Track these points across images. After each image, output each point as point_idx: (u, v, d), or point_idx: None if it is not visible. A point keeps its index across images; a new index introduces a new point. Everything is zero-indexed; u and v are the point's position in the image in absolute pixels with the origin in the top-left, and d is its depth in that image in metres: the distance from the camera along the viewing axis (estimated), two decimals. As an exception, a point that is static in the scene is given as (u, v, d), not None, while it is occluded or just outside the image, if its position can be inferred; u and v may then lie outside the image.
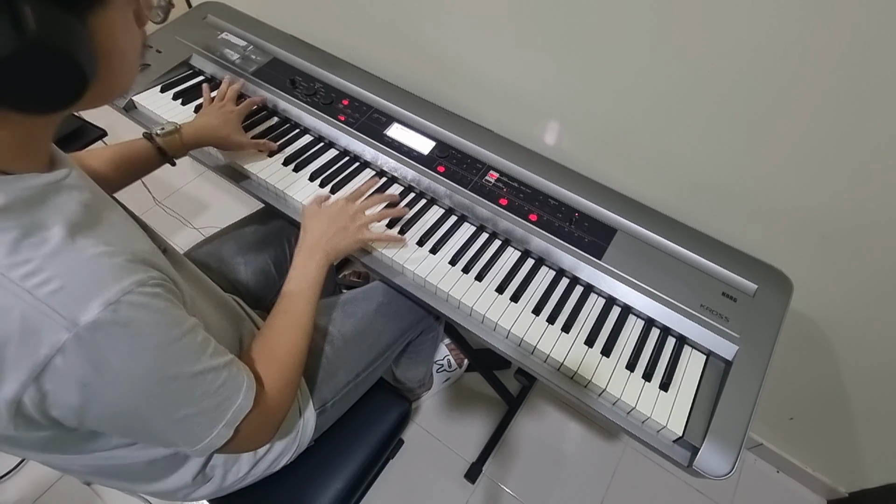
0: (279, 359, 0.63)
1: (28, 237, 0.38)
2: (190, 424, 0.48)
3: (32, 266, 0.37)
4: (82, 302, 0.38)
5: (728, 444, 0.65)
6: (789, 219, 0.83)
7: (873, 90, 0.64)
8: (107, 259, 0.41)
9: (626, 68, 0.82)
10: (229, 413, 0.50)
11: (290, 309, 0.68)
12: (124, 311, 0.39)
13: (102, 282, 0.39)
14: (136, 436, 0.52)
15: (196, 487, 0.69)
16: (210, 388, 0.48)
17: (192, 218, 1.76)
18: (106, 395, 0.41)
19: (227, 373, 0.51)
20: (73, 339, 0.37)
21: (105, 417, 0.44)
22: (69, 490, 1.23)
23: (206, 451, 0.51)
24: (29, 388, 0.38)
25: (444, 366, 1.41)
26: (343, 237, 0.76)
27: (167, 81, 1.06)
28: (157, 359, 0.43)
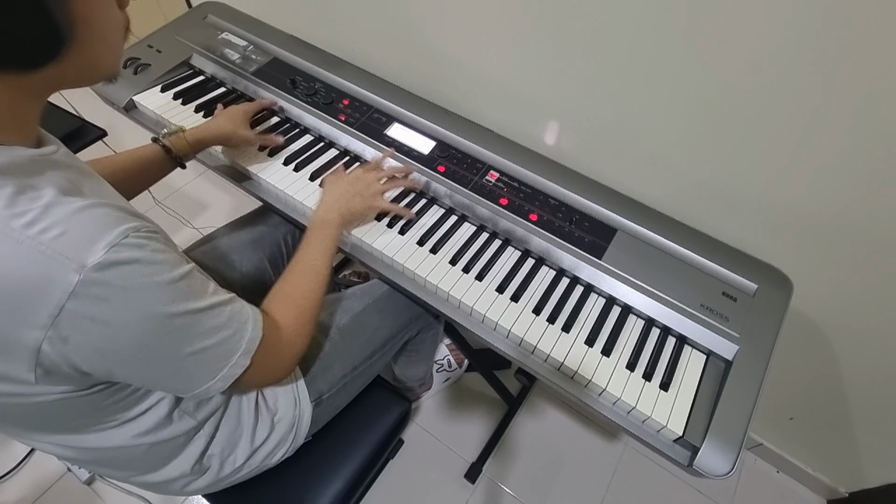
0: (295, 300, 0.67)
1: (22, 193, 0.40)
2: (208, 357, 0.51)
3: (32, 215, 0.39)
4: (86, 245, 0.40)
5: (728, 443, 0.65)
6: (789, 219, 0.83)
7: (874, 90, 0.64)
8: (101, 209, 0.43)
9: (626, 68, 0.82)
10: (244, 342, 0.53)
11: (306, 258, 0.72)
12: (126, 251, 0.41)
13: (101, 226, 0.41)
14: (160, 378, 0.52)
15: (194, 477, 0.69)
16: (220, 320, 0.51)
17: (192, 218, 1.76)
18: (123, 332, 0.43)
19: (232, 308, 0.54)
20: (83, 280, 0.39)
21: (126, 357, 0.46)
22: (69, 490, 1.23)
23: (227, 380, 0.53)
24: (49, 334, 0.39)
25: (444, 366, 1.41)
26: (358, 201, 0.81)
27: (167, 81, 1.06)
28: (165, 294, 0.45)
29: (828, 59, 0.65)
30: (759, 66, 0.70)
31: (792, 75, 0.68)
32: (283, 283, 0.69)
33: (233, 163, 0.94)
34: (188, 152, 0.85)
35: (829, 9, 0.61)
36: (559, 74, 0.90)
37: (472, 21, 0.94)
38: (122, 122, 1.08)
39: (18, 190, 0.39)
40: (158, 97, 1.03)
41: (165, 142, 0.82)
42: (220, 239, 0.95)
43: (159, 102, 1.02)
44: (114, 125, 1.25)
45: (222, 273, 0.90)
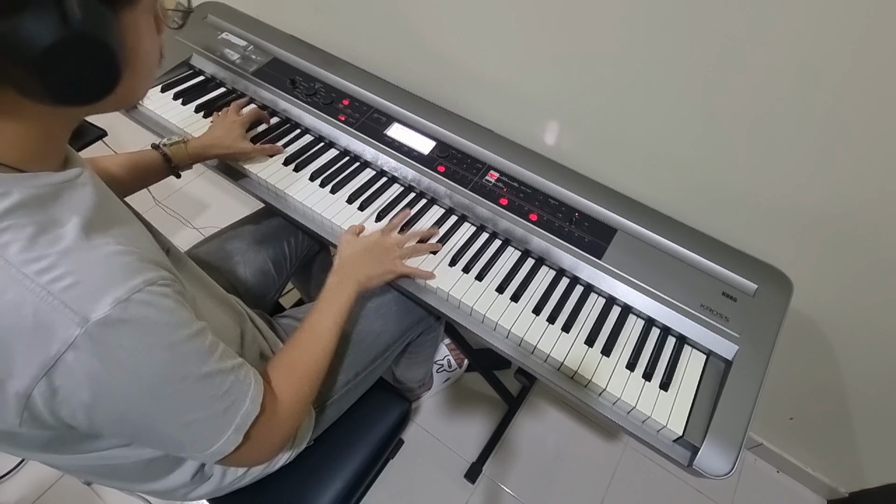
0: (298, 372, 0.63)
1: (43, 234, 0.39)
2: (199, 428, 0.48)
3: (47, 262, 0.38)
4: (94, 298, 0.39)
5: (728, 443, 0.65)
6: (789, 219, 0.83)
7: (874, 91, 0.64)
8: (119, 258, 0.42)
9: (626, 68, 0.82)
10: (238, 417, 0.50)
11: (317, 327, 0.69)
12: (134, 308, 0.40)
13: (114, 279, 0.40)
14: (146, 440, 0.51)
15: (195, 486, 0.69)
16: (218, 391, 0.48)
17: (192, 218, 1.76)
18: (115, 393, 0.42)
19: (235, 377, 0.50)
20: (84, 334, 0.38)
21: (114, 418, 0.44)
22: (69, 490, 1.23)
23: (216, 457, 0.50)
24: (40, 384, 0.39)
25: (444, 366, 1.41)
26: (378, 269, 0.77)
27: (167, 81, 1.06)
28: (166, 358, 0.43)
29: (830, 59, 0.65)
30: (760, 66, 0.70)
31: (793, 76, 0.68)
32: (287, 351, 0.66)
33: (232, 163, 0.94)
34: (187, 163, 0.86)
35: (829, 9, 0.61)
36: (559, 74, 0.90)
37: (472, 21, 0.94)
38: (123, 122, 1.08)
39: (39, 230, 0.39)
40: (158, 97, 1.03)
41: (166, 151, 0.83)
42: (223, 240, 0.95)
43: (159, 103, 1.02)
44: (114, 125, 1.25)
45: (225, 274, 0.90)
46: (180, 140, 0.85)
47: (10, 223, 0.38)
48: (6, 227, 0.38)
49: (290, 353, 0.65)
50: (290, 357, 0.65)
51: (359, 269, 0.76)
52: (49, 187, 0.41)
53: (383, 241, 0.80)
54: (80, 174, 0.45)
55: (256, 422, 0.52)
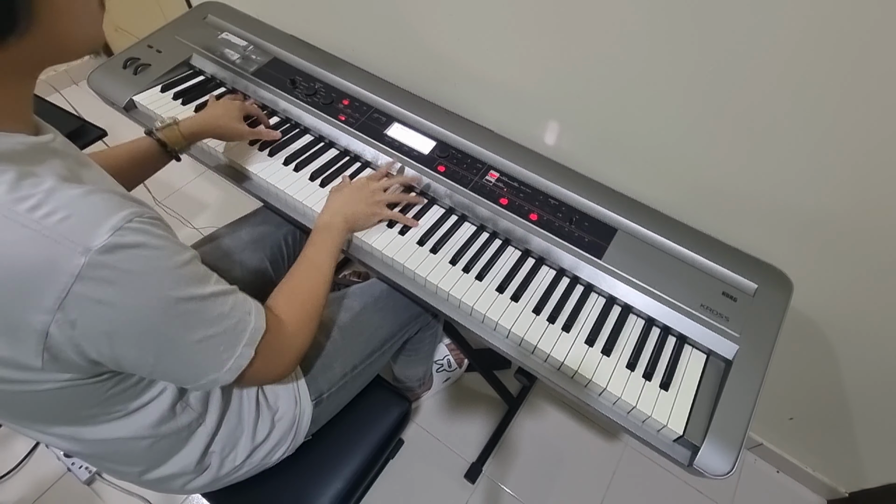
0: (299, 297, 0.67)
1: (25, 178, 0.40)
2: (214, 345, 0.51)
3: (36, 200, 0.39)
4: (91, 228, 0.40)
5: (728, 443, 0.65)
6: (789, 219, 0.83)
7: (874, 91, 0.64)
8: (102, 195, 0.43)
9: (626, 68, 0.82)
10: (247, 333, 0.54)
11: (312, 256, 0.73)
12: (130, 235, 0.42)
13: (105, 211, 0.41)
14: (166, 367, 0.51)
15: (194, 476, 0.69)
16: (223, 309, 0.51)
17: (192, 218, 1.76)
18: (130, 317, 0.43)
19: (235, 298, 0.54)
20: (89, 263, 0.39)
21: (133, 343, 0.46)
22: (69, 490, 1.23)
23: (234, 371, 0.53)
24: (56, 318, 0.40)
25: (444, 365, 1.41)
26: (362, 208, 0.82)
27: (167, 81, 1.06)
28: (170, 278, 0.46)
29: (832, 61, 0.65)
30: (761, 67, 0.70)
31: (794, 76, 0.68)
32: (286, 281, 0.69)
33: (232, 163, 0.94)
34: (183, 145, 0.85)
35: (832, 12, 0.61)
36: (559, 74, 0.90)
37: (473, 21, 0.94)
38: (122, 122, 1.08)
39: (20, 175, 0.40)
40: (158, 97, 1.03)
41: (159, 135, 0.82)
42: (221, 239, 0.95)
43: (159, 102, 1.02)
44: (114, 125, 1.25)
45: (224, 273, 0.89)
46: (171, 122, 0.83)
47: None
48: None
49: (289, 282, 0.69)
50: (289, 285, 0.69)
51: (347, 209, 0.80)
52: (24, 146, 0.43)
53: (368, 185, 0.85)
54: (55, 138, 0.47)
55: (264, 337, 0.56)
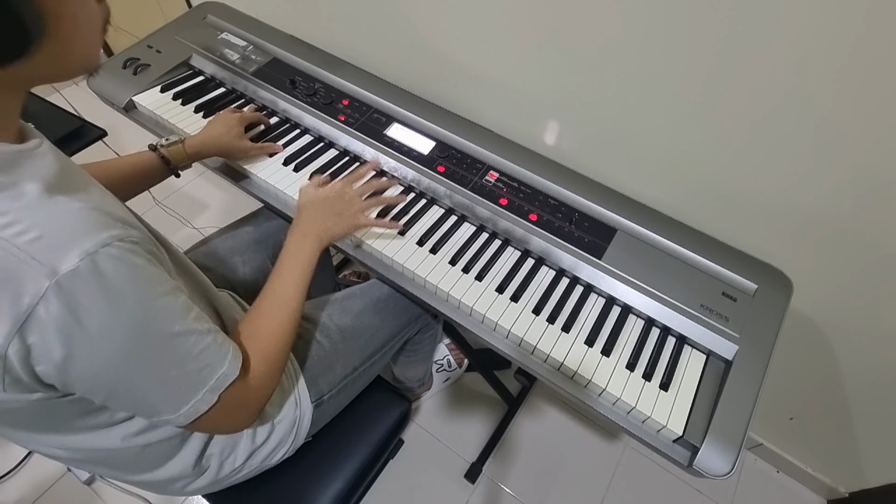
0: (263, 340, 0.62)
1: (4, 191, 0.39)
2: (173, 386, 0.48)
3: (9, 217, 0.38)
4: (61, 251, 0.38)
5: (728, 443, 0.65)
6: (789, 219, 0.83)
7: (874, 91, 0.64)
8: (84, 213, 0.41)
9: (625, 68, 0.82)
10: (213, 378, 0.50)
11: (279, 291, 0.67)
12: (102, 262, 0.40)
13: (80, 232, 0.40)
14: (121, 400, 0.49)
15: (193, 479, 0.69)
16: (193, 350, 0.48)
17: (192, 218, 1.76)
18: (88, 348, 0.41)
19: (212, 338, 0.51)
20: (55, 286, 0.38)
21: (88, 375, 0.43)
22: (69, 490, 1.23)
23: (190, 416, 0.50)
24: (13, 341, 0.38)
25: (443, 366, 1.41)
26: (338, 222, 0.76)
27: (167, 81, 1.06)
28: (137, 314, 0.43)
29: (829, 59, 0.65)
30: (759, 66, 0.70)
31: (792, 75, 0.68)
32: (254, 317, 0.64)
33: (232, 163, 0.94)
34: (185, 163, 0.86)
35: (828, 9, 0.61)
36: (559, 74, 0.90)
37: (472, 20, 0.94)
38: (122, 123, 1.08)
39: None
40: (158, 97, 1.03)
41: (164, 152, 0.82)
42: (222, 239, 0.95)
43: (159, 103, 1.02)
44: (114, 125, 1.25)
45: (224, 274, 0.90)
46: (178, 140, 0.84)
47: None
48: None
49: (253, 321, 0.64)
50: (254, 325, 0.63)
51: (318, 224, 0.74)
52: (6, 155, 0.41)
53: (344, 192, 0.79)
54: (40, 145, 0.45)
55: (232, 386, 0.52)
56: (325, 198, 0.78)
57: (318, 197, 0.78)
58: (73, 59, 0.44)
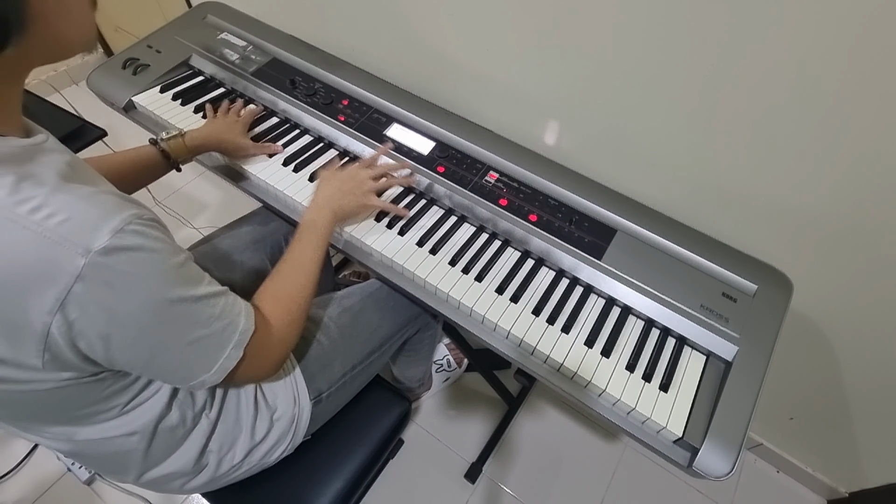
0: (285, 298, 0.67)
1: (25, 181, 0.40)
2: (204, 346, 0.52)
3: (36, 202, 0.40)
4: (91, 230, 0.41)
5: (728, 444, 0.65)
6: (789, 219, 0.83)
7: (874, 90, 0.64)
8: (102, 196, 0.43)
9: (626, 69, 0.82)
10: (237, 334, 0.54)
11: (298, 255, 0.72)
12: (129, 237, 0.43)
13: (105, 212, 0.42)
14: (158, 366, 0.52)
15: (192, 476, 0.69)
16: (214, 311, 0.52)
17: (192, 218, 1.76)
18: (126, 317, 0.44)
19: (226, 299, 0.55)
20: (90, 264, 0.40)
21: (128, 343, 0.47)
22: (69, 490, 1.23)
23: (222, 373, 0.54)
24: (56, 318, 0.40)
25: (443, 366, 1.41)
26: (350, 200, 0.80)
27: (167, 81, 1.05)
28: (166, 280, 0.47)
29: (828, 60, 0.64)
30: (759, 66, 0.70)
31: (792, 76, 0.68)
32: (272, 280, 0.69)
33: (232, 163, 0.94)
34: (185, 156, 0.86)
35: (828, 9, 0.61)
36: (559, 74, 0.90)
37: (472, 21, 0.94)
38: (122, 123, 1.08)
39: (20, 177, 0.40)
40: (158, 97, 1.03)
41: (164, 146, 0.83)
42: (221, 239, 0.95)
43: (159, 103, 1.02)
44: (114, 125, 1.25)
45: (223, 274, 0.90)
46: (177, 133, 0.85)
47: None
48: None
49: (276, 282, 0.68)
50: (276, 285, 0.68)
51: (334, 201, 0.79)
52: (20, 149, 0.43)
53: (357, 174, 0.84)
54: (47, 139, 0.47)
55: (253, 338, 0.56)
56: (340, 177, 0.83)
57: (334, 177, 0.83)
58: (64, 40, 0.45)
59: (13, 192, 0.39)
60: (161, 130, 0.85)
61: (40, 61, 0.45)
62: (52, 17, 0.42)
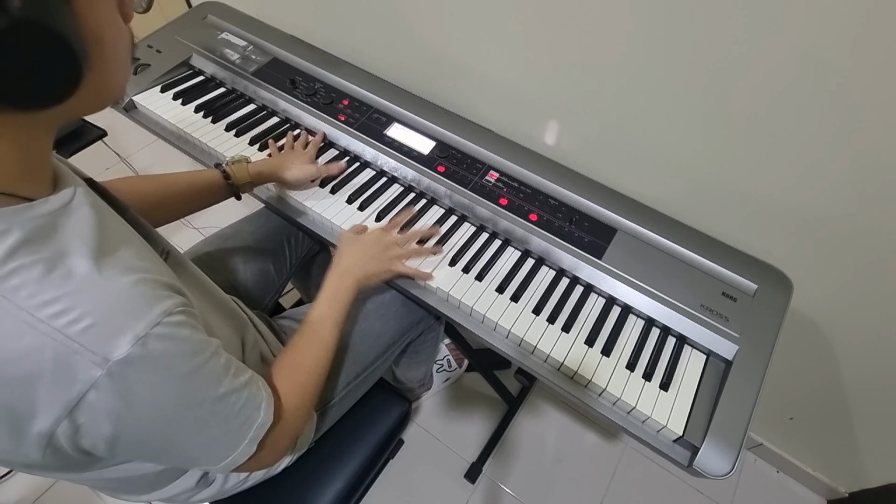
0: (301, 376, 0.63)
1: (52, 271, 0.37)
2: (215, 444, 0.49)
3: (62, 305, 0.37)
4: (113, 338, 0.38)
5: (728, 443, 0.65)
6: (789, 219, 0.83)
7: (874, 90, 0.64)
8: (133, 289, 0.40)
9: (626, 68, 0.82)
10: (252, 430, 0.51)
11: (317, 328, 0.69)
12: (152, 343, 0.40)
13: (131, 315, 0.39)
14: (163, 459, 0.52)
15: (198, 491, 0.69)
16: (234, 408, 0.49)
17: (192, 218, 1.74)
18: (137, 424, 0.42)
19: (248, 392, 0.51)
20: (106, 374, 0.37)
21: (135, 445, 0.45)
22: (69, 490, 1.23)
23: (230, 468, 0.51)
24: (63, 423, 0.38)
25: (444, 366, 1.41)
26: (375, 266, 0.77)
27: (167, 81, 1.06)
28: (185, 386, 0.43)
29: (828, 60, 0.65)
30: (760, 66, 0.70)
31: (792, 75, 0.68)
32: (291, 354, 0.65)
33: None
34: (247, 184, 0.84)
35: (829, 9, 0.61)
36: (559, 74, 0.90)
37: (473, 21, 0.94)
38: (122, 123, 1.08)
39: (47, 268, 0.37)
40: (158, 97, 1.03)
41: (228, 169, 0.81)
42: (224, 239, 0.95)
43: (159, 103, 1.02)
44: (114, 125, 1.25)
45: (225, 275, 0.90)
46: (242, 159, 0.83)
47: (16, 265, 0.36)
48: (13, 270, 0.36)
49: (292, 356, 0.65)
50: (292, 360, 0.65)
51: (357, 268, 0.75)
52: (47, 217, 0.39)
53: (383, 239, 0.80)
54: (74, 195, 0.43)
55: (269, 431, 0.53)
56: (365, 243, 0.79)
57: (358, 242, 0.79)
58: (111, 89, 0.43)
59: (38, 292, 0.36)
60: (161, 130, 0.84)
61: (80, 113, 0.42)
62: (106, 63, 0.40)
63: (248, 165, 0.83)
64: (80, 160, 0.99)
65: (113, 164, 1.78)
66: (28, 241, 0.37)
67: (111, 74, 0.41)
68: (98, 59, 0.38)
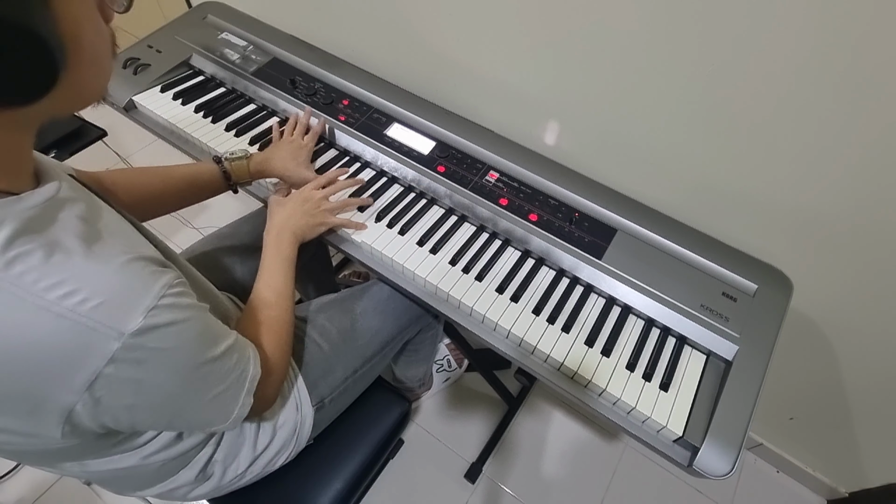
0: (272, 329, 0.67)
1: (52, 255, 0.38)
2: (221, 401, 0.52)
3: (69, 287, 0.38)
4: (125, 312, 0.40)
5: (728, 443, 0.65)
6: (789, 219, 0.83)
7: (874, 90, 0.64)
8: (132, 266, 0.42)
9: (626, 68, 0.82)
10: (247, 382, 0.55)
11: (272, 285, 0.72)
12: (162, 313, 0.42)
13: (138, 290, 0.41)
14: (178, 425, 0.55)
15: (197, 485, 0.69)
16: (230, 364, 0.52)
17: (192, 218, 1.76)
18: (153, 390, 0.44)
19: (239, 350, 0.55)
20: (122, 347, 0.39)
21: (152, 411, 0.47)
22: (69, 490, 1.23)
23: (237, 422, 0.55)
24: (83, 397, 0.39)
25: (443, 366, 1.41)
26: (307, 221, 0.79)
27: (167, 81, 1.06)
28: (193, 349, 0.47)
29: (829, 61, 0.65)
30: (760, 67, 0.70)
31: (793, 76, 0.68)
32: (255, 312, 0.69)
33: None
34: (245, 180, 0.85)
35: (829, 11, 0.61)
36: (560, 74, 0.90)
37: (473, 21, 0.94)
38: (122, 122, 1.08)
39: (46, 253, 0.38)
40: (158, 97, 1.03)
41: (227, 166, 0.82)
42: (222, 239, 0.95)
43: (159, 103, 1.02)
44: (114, 125, 1.25)
45: (222, 275, 0.90)
46: (243, 155, 0.84)
47: (15, 253, 0.37)
48: (14, 258, 0.36)
49: (255, 313, 0.69)
50: (257, 316, 0.68)
51: (292, 223, 0.78)
52: (37, 209, 0.40)
53: (310, 195, 0.82)
54: (60, 187, 0.44)
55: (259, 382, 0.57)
56: (294, 201, 0.81)
57: (287, 202, 0.82)
58: (90, 89, 0.43)
59: (43, 276, 0.37)
60: (161, 130, 0.84)
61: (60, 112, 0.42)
62: (85, 63, 0.39)
63: (248, 163, 0.84)
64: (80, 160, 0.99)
65: (113, 165, 1.78)
66: (22, 231, 0.38)
67: (90, 74, 0.41)
68: (76, 59, 0.38)
